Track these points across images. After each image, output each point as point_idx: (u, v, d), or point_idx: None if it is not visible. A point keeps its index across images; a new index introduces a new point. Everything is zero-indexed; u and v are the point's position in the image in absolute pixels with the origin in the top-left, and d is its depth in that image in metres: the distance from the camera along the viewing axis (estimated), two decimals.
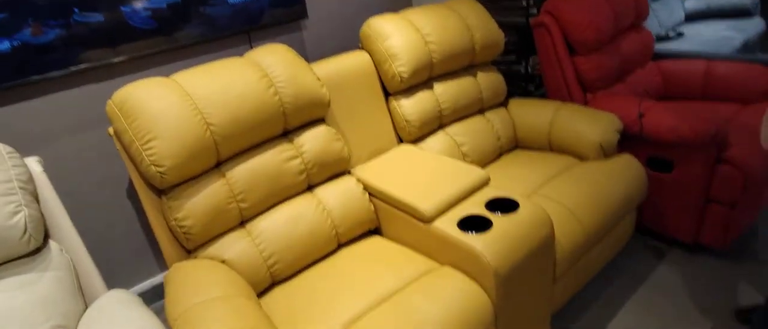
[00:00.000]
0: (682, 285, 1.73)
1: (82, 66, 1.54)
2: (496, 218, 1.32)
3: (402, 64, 1.68)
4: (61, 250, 1.16)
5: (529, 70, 2.28)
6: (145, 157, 1.18)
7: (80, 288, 1.16)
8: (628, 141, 1.86)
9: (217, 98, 1.28)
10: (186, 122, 1.22)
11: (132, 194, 1.76)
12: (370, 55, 1.75)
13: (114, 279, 1.79)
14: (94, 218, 1.69)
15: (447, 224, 1.32)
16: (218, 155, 1.30)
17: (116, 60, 1.61)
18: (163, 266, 1.91)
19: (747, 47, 3.11)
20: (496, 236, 1.26)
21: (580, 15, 1.93)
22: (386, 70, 1.71)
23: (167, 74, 1.73)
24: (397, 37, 1.70)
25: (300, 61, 1.49)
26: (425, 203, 1.36)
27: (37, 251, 1.11)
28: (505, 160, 1.91)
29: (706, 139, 1.63)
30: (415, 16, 1.79)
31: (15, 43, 1.42)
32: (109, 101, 1.24)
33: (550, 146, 1.92)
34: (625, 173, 1.68)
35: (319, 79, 1.50)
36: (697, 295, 1.68)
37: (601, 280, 1.81)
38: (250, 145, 1.38)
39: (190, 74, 1.33)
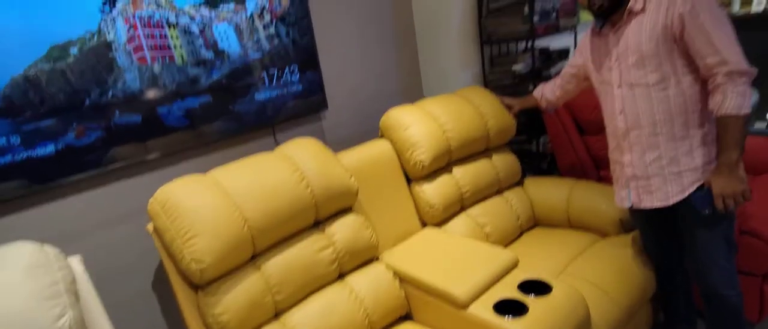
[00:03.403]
0: None
1: (118, 164, 1.64)
2: (531, 301, 1.34)
3: (422, 152, 1.79)
4: None
5: (541, 148, 2.41)
6: (186, 254, 1.23)
7: None
8: None
9: (252, 193, 1.36)
10: (224, 218, 1.28)
11: (158, 288, 1.76)
12: (391, 144, 1.87)
13: None
14: (119, 313, 1.68)
15: (483, 310, 1.33)
16: (254, 249, 1.35)
17: (149, 157, 1.71)
18: None
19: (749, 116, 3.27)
20: (533, 320, 1.27)
21: (587, 97, 2.09)
22: (407, 158, 1.81)
23: (197, 168, 1.83)
24: (416, 126, 1.83)
25: (328, 153, 1.60)
26: (459, 289, 1.38)
27: None
28: (527, 239, 1.95)
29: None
30: (431, 106, 1.94)
31: (59, 146, 1.53)
32: (152, 200, 1.32)
33: (570, 223, 1.97)
34: None
35: (346, 169, 1.59)
36: None
37: None
38: (284, 237, 1.43)
39: (226, 171, 1.42)
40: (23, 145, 1.45)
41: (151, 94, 1.69)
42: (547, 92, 1.90)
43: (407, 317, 1.58)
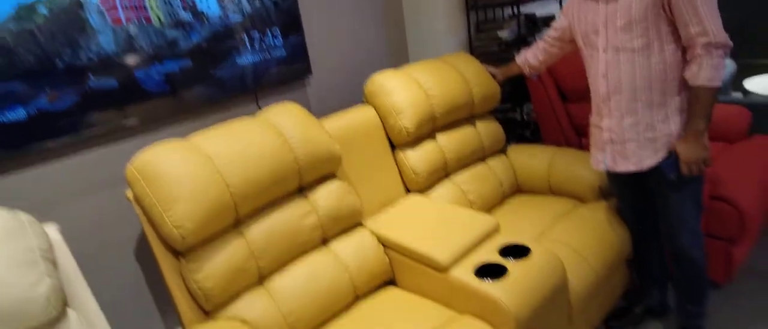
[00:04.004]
0: None
1: (95, 130, 1.56)
2: (510, 264, 1.34)
3: (407, 119, 1.74)
4: (80, 318, 1.13)
5: (525, 117, 2.38)
6: (167, 220, 1.19)
7: None
8: None
9: (234, 158, 1.31)
10: (206, 184, 1.23)
11: (140, 256, 1.73)
12: (376, 110, 1.82)
13: None
14: (101, 281, 1.65)
15: (464, 273, 1.33)
16: (237, 215, 1.31)
17: (128, 123, 1.63)
18: (170, 327, 1.85)
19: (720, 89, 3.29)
20: (512, 282, 1.27)
21: (571, 64, 2.05)
22: (392, 124, 1.77)
23: (178, 136, 1.76)
24: (401, 92, 1.77)
25: (311, 119, 1.54)
26: (441, 253, 1.37)
27: (55, 320, 1.09)
28: (509, 205, 1.95)
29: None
30: (416, 71, 1.87)
31: (31, 111, 1.45)
32: (130, 166, 1.26)
33: (551, 190, 1.97)
34: None
35: (330, 135, 1.54)
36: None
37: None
38: (267, 203, 1.39)
39: (207, 136, 1.36)
40: None
41: (127, 57, 1.60)
42: (529, 58, 1.85)
43: (391, 282, 1.58)
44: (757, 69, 2.64)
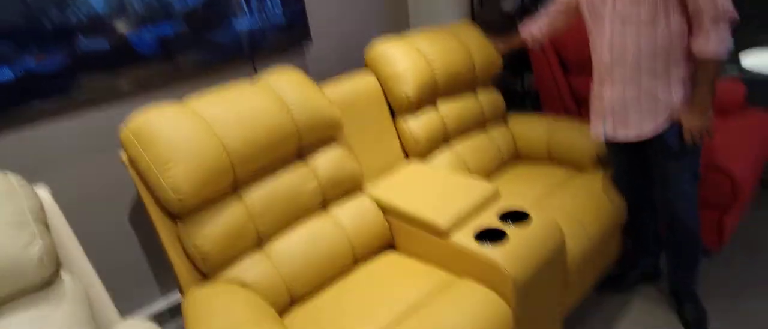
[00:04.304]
0: None
1: (86, 93, 1.49)
2: (510, 229, 1.32)
3: (408, 86, 1.69)
4: (74, 281, 1.10)
5: (525, 87, 2.34)
6: (164, 183, 1.14)
7: (94, 320, 1.10)
8: None
9: (232, 121, 1.26)
10: (203, 147, 1.19)
11: (134, 220, 1.69)
12: (377, 76, 1.76)
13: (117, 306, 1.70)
14: (93, 245, 1.62)
15: (464, 238, 1.31)
16: (235, 178, 1.27)
17: (120, 86, 1.56)
18: (165, 291, 1.83)
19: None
20: (512, 247, 1.26)
21: (573, 36, 2.00)
22: (393, 91, 1.72)
23: (172, 100, 1.70)
24: (403, 59, 1.72)
25: (310, 84, 1.49)
26: (441, 218, 1.35)
27: (49, 283, 1.05)
28: (508, 172, 1.93)
29: None
30: (417, 39, 1.81)
31: (18, 72, 1.37)
32: (124, 128, 1.20)
33: (549, 158, 1.94)
34: None
35: (330, 100, 1.49)
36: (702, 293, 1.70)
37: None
38: (266, 167, 1.35)
39: (203, 99, 1.31)
40: None
41: (119, 18, 1.52)
42: (533, 30, 1.80)
43: (390, 247, 1.56)
44: (751, 44, 2.60)
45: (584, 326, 1.64)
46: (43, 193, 1.13)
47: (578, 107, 2.13)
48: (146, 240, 1.73)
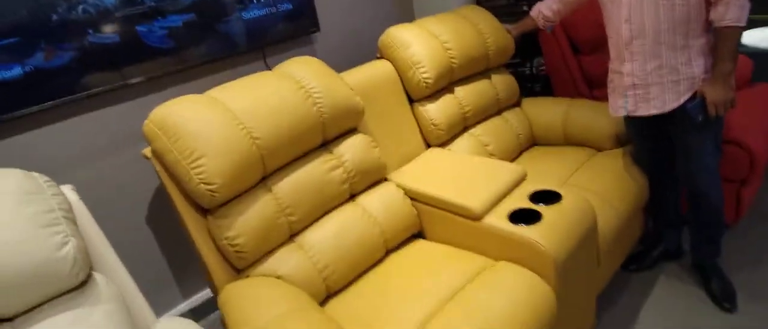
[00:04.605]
0: None
1: (97, 89, 1.43)
2: (543, 209, 1.31)
3: (426, 71, 1.66)
4: (107, 281, 1.05)
5: (534, 71, 2.32)
6: (194, 176, 1.10)
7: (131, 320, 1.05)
8: None
9: (258, 111, 1.21)
10: (232, 138, 1.14)
11: (156, 215, 1.63)
12: (393, 64, 1.72)
13: None
14: (118, 243, 1.56)
15: (498, 220, 1.29)
16: (264, 170, 1.23)
17: (132, 81, 1.51)
18: (186, 294, 1.78)
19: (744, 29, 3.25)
20: (548, 226, 1.24)
21: (583, 16, 1.98)
22: (410, 77, 1.68)
23: (183, 94, 1.64)
24: (418, 45, 1.68)
25: (331, 72, 1.45)
26: (474, 201, 1.32)
27: (82, 284, 1.00)
28: (527, 156, 1.91)
29: None
30: (430, 24, 1.78)
31: (27, 69, 1.31)
32: (147, 121, 1.15)
33: (566, 140, 1.93)
34: None
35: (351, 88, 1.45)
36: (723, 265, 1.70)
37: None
38: (293, 157, 1.31)
39: (226, 90, 1.26)
40: None
41: (128, 10, 1.46)
42: (544, 10, 1.78)
43: (418, 235, 1.53)
44: (756, 23, 2.62)
45: (615, 304, 1.64)
46: (69, 193, 1.08)
47: (590, 88, 2.12)
48: (165, 241, 1.67)
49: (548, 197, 1.36)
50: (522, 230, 1.22)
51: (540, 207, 1.32)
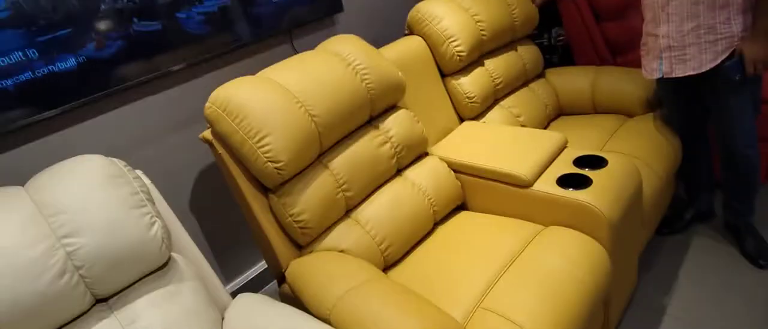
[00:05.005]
0: None
1: (143, 78, 1.44)
2: (591, 174, 1.34)
3: (459, 44, 1.67)
4: (186, 261, 1.09)
5: (552, 41, 2.33)
6: (261, 154, 1.12)
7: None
8: None
9: (313, 89, 1.23)
10: (293, 116, 1.16)
11: (195, 204, 1.65)
12: (424, 39, 1.73)
13: None
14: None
15: (548, 186, 1.32)
16: (321, 147, 1.25)
17: (174, 68, 1.51)
18: (229, 277, 1.82)
19: None
20: (599, 189, 1.27)
21: None
22: (443, 51, 1.69)
23: (220, 79, 1.65)
24: (450, 18, 1.69)
25: (373, 49, 1.45)
26: (522, 169, 1.35)
27: (166, 263, 1.04)
28: (556, 126, 1.93)
29: None
30: None
31: (80, 59, 1.32)
32: (209, 104, 1.17)
33: (595, 109, 1.95)
34: None
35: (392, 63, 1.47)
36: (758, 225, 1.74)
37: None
38: (345, 134, 1.33)
39: (277, 70, 1.27)
40: (42, 59, 1.24)
41: None
42: None
43: (460, 207, 1.56)
44: None
45: (652, 267, 1.69)
46: (142, 177, 1.10)
47: (613, 54, 2.13)
48: (205, 227, 1.70)
49: (592, 162, 1.40)
50: (576, 195, 1.26)
51: (586, 172, 1.35)
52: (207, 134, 1.23)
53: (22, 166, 1.26)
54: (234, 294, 1.11)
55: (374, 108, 1.40)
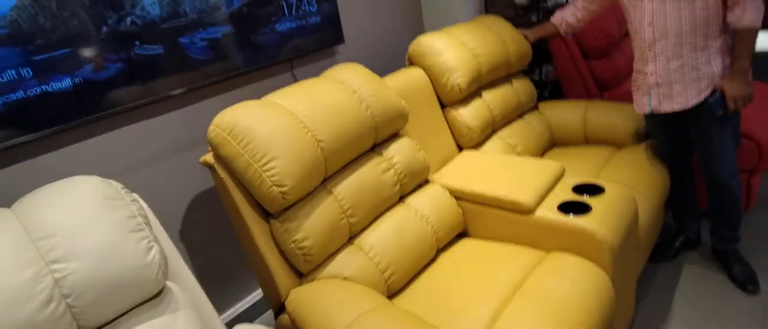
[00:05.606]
0: None
1: (142, 100, 1.40)
2: (589, 201, 1.33)
3: (459, 76, 1.69)
4: (180, 289, 1.01)
5: (542, 77, 2.38)
6: (266, 178, 1.07)
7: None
8: None
9: (319, 114, 1.20)
10: (299, 140, 1.13)
11: (186, 233, 1.57)
12: (425, 70, 1.74)
13: None
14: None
15: (549, 212, 1.31)
16: (325, 172, 1.21)
17: (174, 93, 1.47)
18: (220, 309, 1.71)
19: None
20: (600, 215, 1.26)
21: (591, 24, 2.06)
22: (444, 82, 1.70)
23: (221, 105, 1.62)
24: (450, 51, 1.71)
25: (377, 78, 1.45)
26: (524, 196, 1.33)
27: (160, 291, 0.96)
28: (551, 156, 1.95)
29: None
30: (457, 32, 1.81)
31: (77, 80, 1.27)
32: (213, 127, 1.13)
33: (586, 140, 1.98)
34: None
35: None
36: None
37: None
38: (349, 160, 1.30)
39: (283, 95, 1.25)
40: (36, 78, 1.18)
41: (172, 22, 1.43)
42: (567, 16, 1.85)
43: (462, 235, 1.53)
44: None
45: (648, 292, 1.67)
46: (139, 200, 1.04)
47: (600, 90, 2.19)
48: (198, 256, 1.61)
49: (590, 189, 1.39)
50: (577, 221, 1.24)
51: (586, 199, 1.35)
52: (208, 157, 1.18)
53: (9, 187, 1.18)
54: (228, 325, 1.04)
55: (378, 135, 1.38)
